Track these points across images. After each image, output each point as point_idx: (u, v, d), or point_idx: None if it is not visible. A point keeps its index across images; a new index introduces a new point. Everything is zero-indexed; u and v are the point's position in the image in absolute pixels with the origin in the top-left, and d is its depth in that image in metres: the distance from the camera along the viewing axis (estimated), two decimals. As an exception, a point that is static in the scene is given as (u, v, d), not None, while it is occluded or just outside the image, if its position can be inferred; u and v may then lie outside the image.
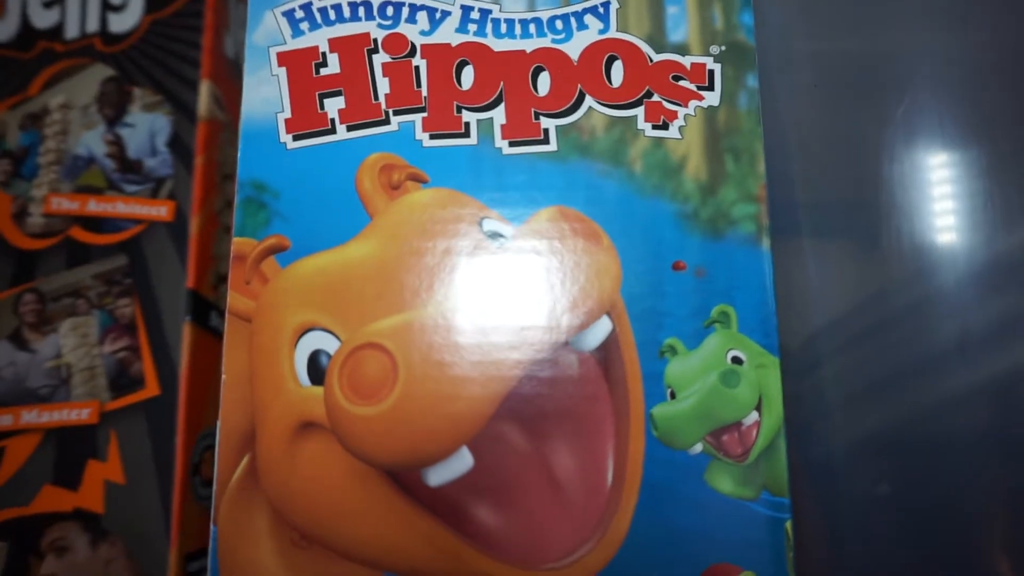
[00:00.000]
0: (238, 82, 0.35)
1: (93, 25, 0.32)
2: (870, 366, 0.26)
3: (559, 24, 0.23)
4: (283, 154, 0.22)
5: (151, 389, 0.28)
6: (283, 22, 0.23)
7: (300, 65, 0.22)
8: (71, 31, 0.32)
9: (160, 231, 0.29)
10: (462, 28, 0.23)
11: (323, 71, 0.22)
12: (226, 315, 0.21)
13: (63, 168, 0.30)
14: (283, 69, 0.22)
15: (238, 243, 0.22)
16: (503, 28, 0.23)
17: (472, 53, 0.23)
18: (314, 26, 0.23)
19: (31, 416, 0.27)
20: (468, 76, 0.23)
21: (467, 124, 0.22)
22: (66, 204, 0.30)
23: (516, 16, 0.23)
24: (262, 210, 0.22)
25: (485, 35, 0.23)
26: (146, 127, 0.31)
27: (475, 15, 0.23)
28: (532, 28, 0.23)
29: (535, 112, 0.22)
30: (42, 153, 0.30)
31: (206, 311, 0.29)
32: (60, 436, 0.27)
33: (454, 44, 0.23)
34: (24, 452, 0.27)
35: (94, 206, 0.29)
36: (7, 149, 0.30)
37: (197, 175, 0.30)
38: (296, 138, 0.22)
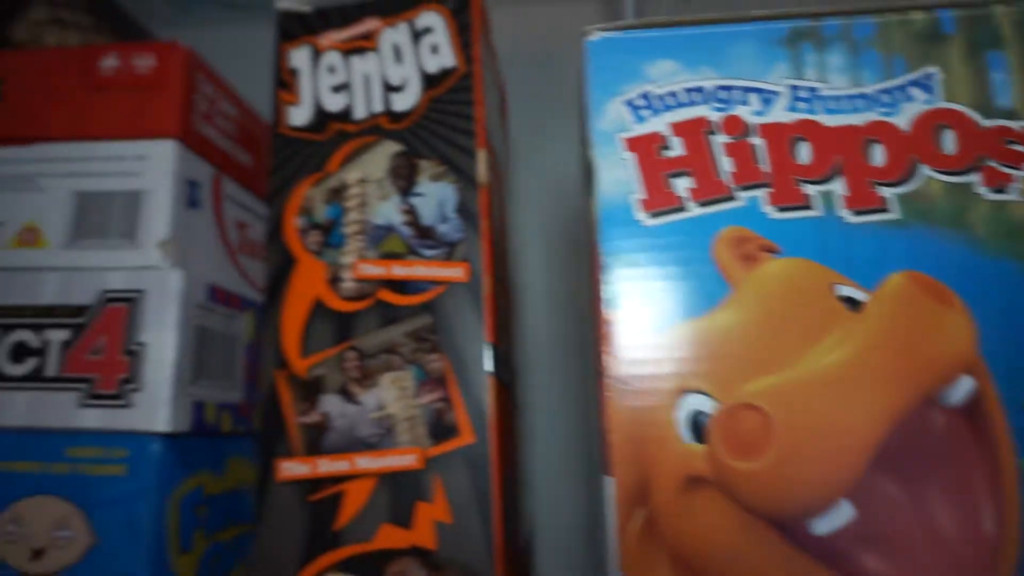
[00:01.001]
0: (494, 148, 0.38)
1: (378, 106, 0.35)
2: None
3: (885, 97, 0.24)
4: (640, 231, 0.24)
5: (466, 437, 0.31)
6: (625, 111, 0.25)
7: (646, 149, 0.25)
8: (359, 112, 0.35)
9: (457, 290, 0.32)
10: (792, 107, 0.25)
11: (667, 153, 0.25)
12: (602, 379, 0.24)
13: (367, 237, 0.33)
14: (631, 153, 0.25)
15: (612, 315, 0.24)
16: (831, 104, 0.25)
17: (806, 130, 0.24)
18: (655, 112, 0.25)
19: (364, 462, 0.31)
20: (805, 151, 0.24)
21: (809, 196, 0.24)
22: (372, 269, 0.33)
23: (842, 92, 0.25)
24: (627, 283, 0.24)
25: (815, 112, 0.25)
26: (435, 195, 0.34)
27: (803, 93, 0.25)
28: (860, 103, 0.25)
29: (873, 182, 0.24)
30: (346, 224, 0.34)
31: (496, 363, 0.32)
32: (391, 480, 0.30)
33: (787, 122, 0.25)
34: (363, 495, 0.30)
35: (398, 270, 0.33)
36: (316, 222, 0.34)
37: (484, 237, 0.33)
38: (651, 216, 0.24)
